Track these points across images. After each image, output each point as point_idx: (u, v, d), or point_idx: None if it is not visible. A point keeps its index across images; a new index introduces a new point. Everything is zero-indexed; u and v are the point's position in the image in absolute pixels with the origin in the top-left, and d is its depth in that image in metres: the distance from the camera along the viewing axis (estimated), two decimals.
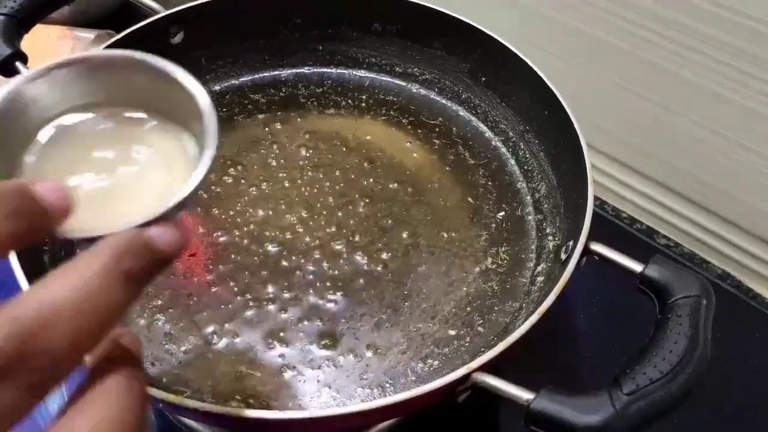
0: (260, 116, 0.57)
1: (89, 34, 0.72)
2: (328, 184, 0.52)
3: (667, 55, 0.55)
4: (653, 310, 0.38)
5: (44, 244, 0.45)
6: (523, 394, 0.34)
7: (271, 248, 0.48)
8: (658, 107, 0.58)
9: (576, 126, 0.46)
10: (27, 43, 0.50)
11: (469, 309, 0.46)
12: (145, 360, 0.42)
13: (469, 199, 0.52)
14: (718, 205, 0.61)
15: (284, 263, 0.47)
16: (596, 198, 0.67)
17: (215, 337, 0.44)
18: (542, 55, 0.52)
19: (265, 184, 0.52)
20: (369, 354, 0.43)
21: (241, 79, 0.59)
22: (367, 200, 0.51)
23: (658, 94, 0.58)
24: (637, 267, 0.38)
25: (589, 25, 0.58)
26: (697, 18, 0.51)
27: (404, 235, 0.49)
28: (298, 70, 0.60)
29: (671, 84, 0.56)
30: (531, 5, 0.60)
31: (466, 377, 0.35)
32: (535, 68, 0.49)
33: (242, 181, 0.52)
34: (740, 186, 0.58)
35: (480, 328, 0.45)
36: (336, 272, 0.47)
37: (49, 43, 0.70)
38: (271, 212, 0.50)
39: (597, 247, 0.40)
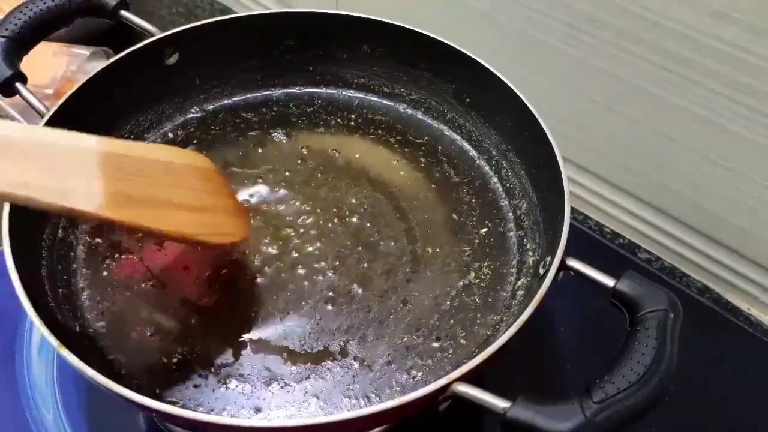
0: (252, 134, 0.58)
1: (84, 51, 0.74)
2: (316, 200, 0.54)
3: (647, 75, 0.56)
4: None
5: (42, 258, 0.47)
6: (500, 403, 0.35)
7: (259, 263, 0.50)
8: (639, 126, 0.60)
9: (554, 146, 0.47)
10: (23, 59, 0.51)
11: (452, 322, 0.47)
12: (138, 372, 0.44)
13: (454, 216, 0.54)
14: (698, 221, 0.62)
15: (271, 278, 0.49)
16: (579, 213, 0.69)
17: (206, 348, 0.45)
18: (525, 76, 0.53)
19: (254, 200, 0.54)
20: (356, 366, 0.45)
21: (233, 99, 0.60)
22: (354, 216, 0.53)
23: (638, 114, 0.59)
24: (609, 282, 0.40)
25: (571, 45, 0.59)
26: (675, 41, 0.53)
27: (390, 251, 0.51)
28: (290, 90, 0.61)
29: (652, 104, 0.57)
30: (513, 27, 0.62)
31: (446, 387, 0.36)
32: (516, 90, 0.51)
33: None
34: (720, 203, 0.59)
35: (462, 340, 0.46)
36: (322, 287, 0.48)
37: (44, 60, 0.71)
38: (259, 228, 0.52)
39: (573, 263, 0.41)
